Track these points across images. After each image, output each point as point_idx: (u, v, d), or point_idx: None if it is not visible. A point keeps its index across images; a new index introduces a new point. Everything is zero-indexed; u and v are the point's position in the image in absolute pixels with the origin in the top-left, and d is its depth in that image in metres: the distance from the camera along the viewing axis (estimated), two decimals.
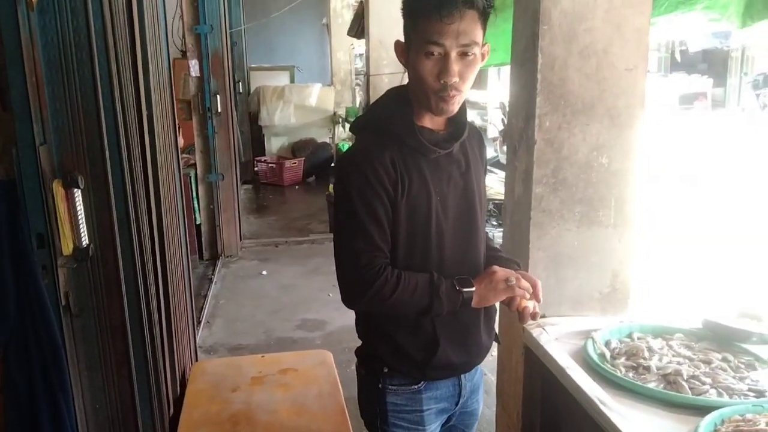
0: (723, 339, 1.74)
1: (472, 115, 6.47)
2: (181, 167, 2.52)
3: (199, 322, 4.09)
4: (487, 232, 1.65)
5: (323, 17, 10.43)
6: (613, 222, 1.96)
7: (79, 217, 1.39)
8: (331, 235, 1.50)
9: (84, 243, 1.38)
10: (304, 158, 8.84)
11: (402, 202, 1.37)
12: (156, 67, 2.10)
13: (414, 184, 1.39)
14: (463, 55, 1.32)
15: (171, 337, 2.05)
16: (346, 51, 9.43)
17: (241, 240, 5.82)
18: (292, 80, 10.00)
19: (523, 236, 1.96)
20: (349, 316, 4.29)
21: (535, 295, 1.43)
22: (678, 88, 18.03)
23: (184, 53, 5.10)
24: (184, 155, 5.79)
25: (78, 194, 1.38)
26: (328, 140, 9.18)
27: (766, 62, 15.78)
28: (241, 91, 8.94)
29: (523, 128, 1.92)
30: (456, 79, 1.31)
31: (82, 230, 1.37)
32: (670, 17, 3.22)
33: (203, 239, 5.41)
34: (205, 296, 4.56)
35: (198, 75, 4.96)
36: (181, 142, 3.28)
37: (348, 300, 1.42)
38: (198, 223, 5.31)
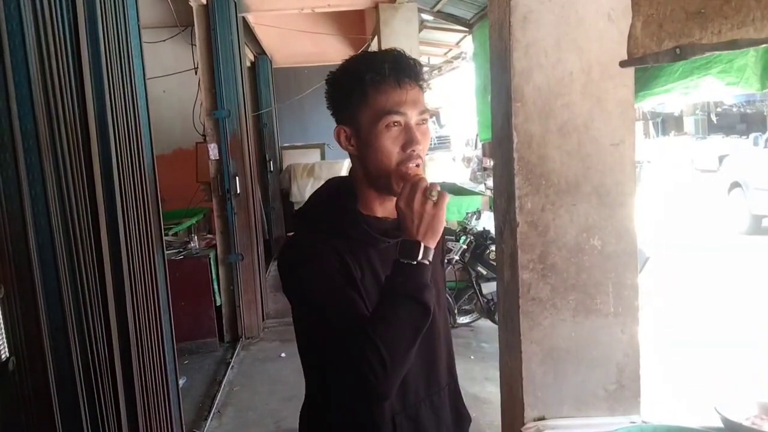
0: None
1: None
2: (165, 253, 2.44)
3: (209, 412, 3.94)
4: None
5: None
6: (613, 310, 1.77)
7: None
8: None
9: (3, 356, 1.29)
10: None
11: (356, 295, 1.24)
12: (128, 154, 2.07)
13: (366, 277, 1.27)
14: (421, 122, 1.26)
15: None
16: None
17: (264, 320, 5.72)
18: (323, 157, 10.16)
19: (515, 327, 1.79)
20: None
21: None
22: (717, 149, 17.84)
23: (205, 137, 5.21)
24: (207, 236, 5.82)
25: None
26: None
27: None
28: (272, 169, 9.12)
29: (506, 210, 1.79)
30: (420, 146, 1.24)
31: (1, 342, 1.28)
32: (685, 82, 3.10)
33: (224, 321, 5.33)
34: (220, 383, 4.43)
35: (217, 158, 5.03)
36: None
37: (380, 397, 1.21)
38: (218, 305, 5.24)
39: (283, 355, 5.00)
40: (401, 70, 1.23)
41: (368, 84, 1.23)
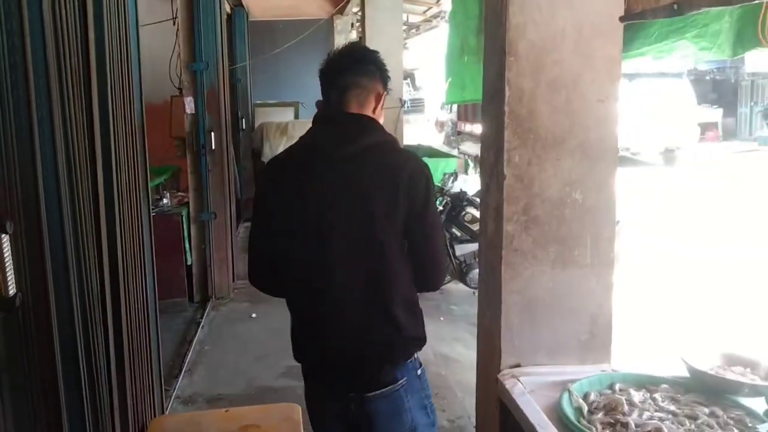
0: (712, 391, 1.60)
1: None
2: (150, 206, 2.43)
3: (180, 370, 3.95)
4: None
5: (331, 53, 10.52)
6: (590, 262, 1.84)
7: (6, 265, 1.30)
8: None
9: (11, 292, 1.29)
10: None
11: None
12: (121, 101, 2.04)
13: None
14: None
15: (124, 392, 1.94)
16: None
17: (234, 281, 5.68)
18: (296, 116, 9.99)
19: (496, 278, 1.85)
20: None
21: None
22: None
23: (181, 90, 5.09)
24: (179, 194, 5.73)
25: (6, 240, 1.29)
26: None
27: None
28: (244, 127, 8.97)
29: (494, 163, 1.83)
30: None
31: (9, 278, 1.28)
32: (660, 46, 3.16)
33: (194, 281, 5.22)
34: (191, 342, 4.41)
35: (193, 112, 4.94)
36: None
37: (440, 283, 1.83)
38: (189, 264, 5.16)
39: (253, 315, 4.99)
40: None
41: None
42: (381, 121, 1.75)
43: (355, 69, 1.71)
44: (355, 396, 1.68)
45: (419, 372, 1.76)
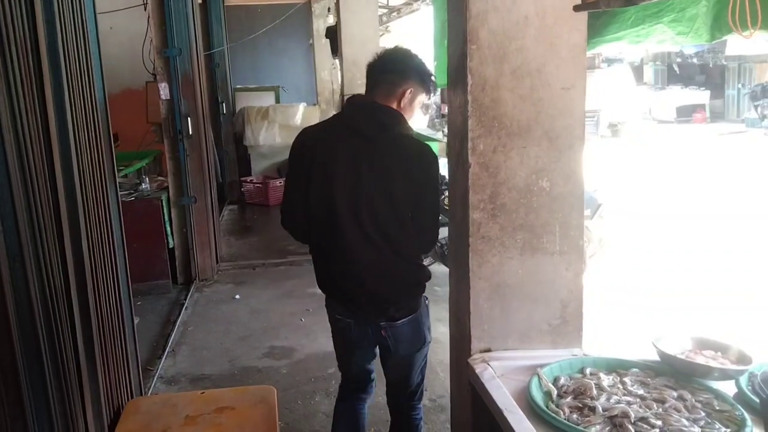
0: (682, 375, 1.63)
1: None
2: (118, 192, 2.41)
3: (163, 351, 3.97)
4: None
5: (310, 38, 10.44)
6: (559, 249, 1.86)
7: None
8: (309, 257, 2.20)
9: None
10: None
11: None
12: (80, 87, 2.01)
13: None
14: None
15: (95, 375, 1.94)
16: (329, 70, 9.39)
17: (218, 263, 5.71)
18: (277, 100, 9.93)
19: (464, 264, 1.87)
20: (319, 343, 4.22)
21: None
22: (675, 100, 18.03)
23: (155, 76, 5.03)
24: (159, 178, 5.70)
25: None
26: None
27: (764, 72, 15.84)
28: (224, 112, 8.90)
29: (459, 151, 1.83)
30: None
31: None
32: (637, 31, 3.15)
33: (177, 263, 5.28)
34: (174, 323, 4.44)
35: (168, 98, 4.88)
36: None
37: (429, 247, 2.26)
38: (171, 247, 5.19)
39: (237, 297, 5.02)
40: None
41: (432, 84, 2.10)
42: (410, 115, 2.09)
43: (387, 68, 2.06)
44: (386, 324, 2.11)
45: (427, 302, 2.22)
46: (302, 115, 8.99)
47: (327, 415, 3.17)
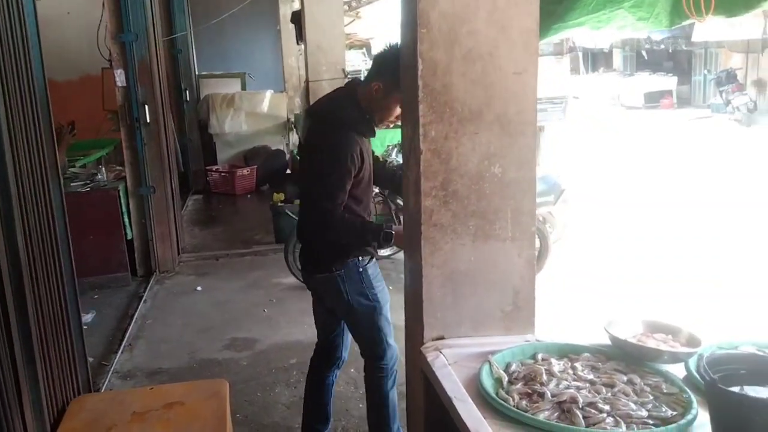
0: (633, 358, 1.63)
1: None
2: (61, 183, 2.32)
3: (119, 345, 3.87)
4: None
5: (277, 24, 10.27)
6: (511, 235, 1.84)
7: None
8: (275, 247, 2.77)
9: None
10: (256, 166, 8.61)
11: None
12: (16, 76, 1.91)
13: (365, 161, 2.43)
14: None
15: (35, 373, 1.86)
16: (296, 57, 9.27)
17: (179, 254, 5.60)
18: (243, 87, 9.78)
19: (417, 251, 1.84)
20: (282, 333, 4.23)
21: None
22: (643, 86, 18.33)
23: (111, 63, 4.88)
24: (117, 168, 5.56)
25: None
26: (282, 147, 8.97)
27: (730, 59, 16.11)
28: (188, 99, 8.72)
29: (411, 138, 1.80)
30: None
31: None
32: (598, 16, 3.15)
33: (136, 255, 5.17)
34: (132, 316, 4.34)
35: (124, 85, 4.74)
36: None
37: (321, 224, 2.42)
38: (129, 238, 5.07)
39: (199, 288, 4.94)
40: None
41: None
42: (383, 114, 2.41)
43: (374, 60, 2.42)
44: (308, 276, 2.54)
45: (360, 269, 2.46)
46: (269, 103, 8.87)
47: (287, 406, 3.14)
